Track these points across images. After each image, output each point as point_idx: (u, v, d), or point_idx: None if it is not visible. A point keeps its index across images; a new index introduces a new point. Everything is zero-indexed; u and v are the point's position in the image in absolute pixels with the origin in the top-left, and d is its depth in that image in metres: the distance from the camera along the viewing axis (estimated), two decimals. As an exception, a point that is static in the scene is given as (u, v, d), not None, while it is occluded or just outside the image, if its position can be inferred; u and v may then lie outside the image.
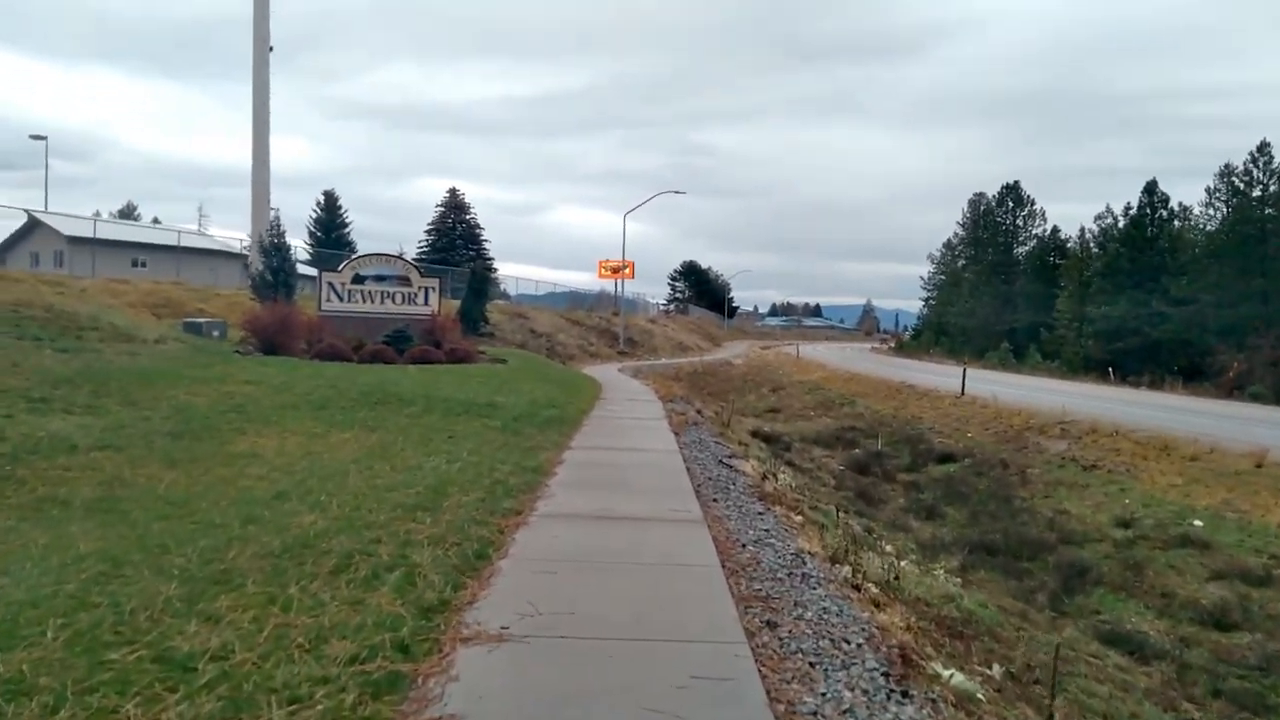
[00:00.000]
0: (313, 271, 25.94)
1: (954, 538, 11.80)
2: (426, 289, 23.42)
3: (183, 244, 47.09)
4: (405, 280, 23.28)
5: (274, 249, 22.66)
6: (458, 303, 26.25)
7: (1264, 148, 52.34)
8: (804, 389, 39.34)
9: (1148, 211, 64.21)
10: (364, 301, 22.88)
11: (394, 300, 23.15)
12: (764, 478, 11.64)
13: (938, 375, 41.93)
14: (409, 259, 23.56)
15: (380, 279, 23.19)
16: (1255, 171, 52.68)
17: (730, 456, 12.53)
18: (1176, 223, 64.08)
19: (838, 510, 10.15)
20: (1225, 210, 57.18)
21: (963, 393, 27.75)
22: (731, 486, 9.86)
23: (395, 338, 20.53)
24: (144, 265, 44.59)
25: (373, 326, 22.06)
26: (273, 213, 23.63)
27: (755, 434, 19.94)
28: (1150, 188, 64.09)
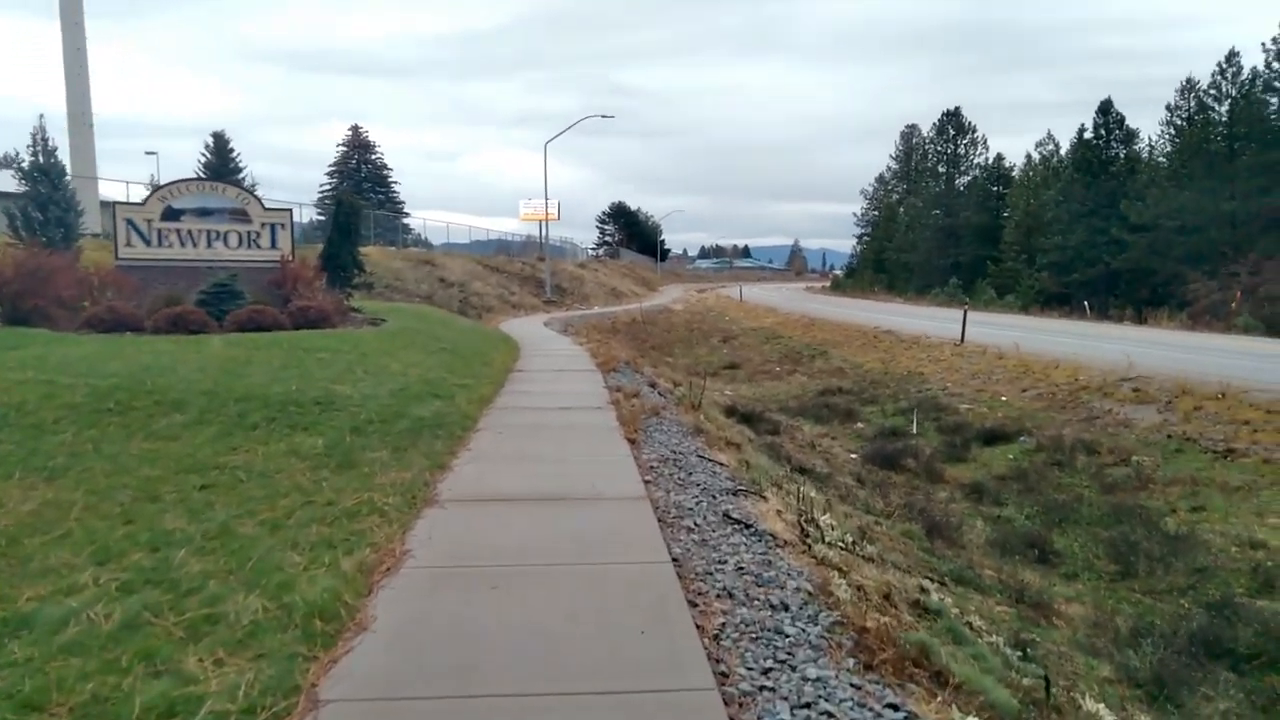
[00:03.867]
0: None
1: (1134, 624, 6.65)
2: (273, 226, 17.12)
3: None
4: (241, 215, 16.93)
5: (40, 174, 16.00)
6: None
7: (1232, 57, 48.46)
8: (759, 338, 34.15)
9: (1102, 133, 60.38)
10: (181, 245, 16.49)
11: (226, 242, 16.80)
12: (803, 535, 6.21)
13: (909, 317, 37.24)
14: (247, 186, 17.14)
15: (204, 213, 16.78)
16: (1224, 84, 48.76)
17: (733, 490, 7.02)
18: (1133, 145, 60.37)
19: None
20: (1187, 128, 53.40)
21: (963, 340, 22.83)
22: (784, 616, 4.33)
23: (214, 295, 14.34)
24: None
25: (197, 279, 15.78)
26: (38, 121, 16.78)
27: (731, 411, 14.53)
28: (1105, 108, 60.32)
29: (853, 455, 13.61)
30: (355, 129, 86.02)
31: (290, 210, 17.82)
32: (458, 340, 16.10)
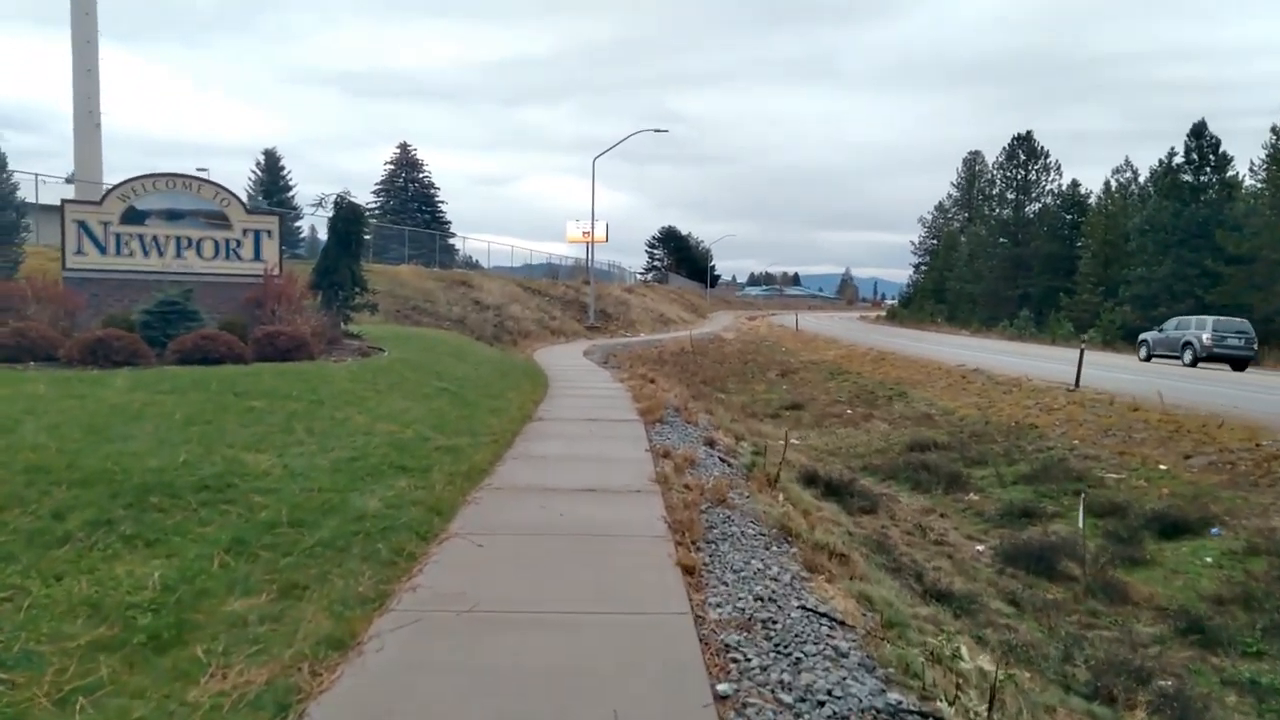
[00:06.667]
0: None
1: None
2: (257, 233, 14.27)
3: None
4: (219, 219, 14.10)
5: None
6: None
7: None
8: (823, 373, 30.61)
9: (1194, 158, 55.80)
10: (144, 253, 13.70)
11: (199, 251, 13.96)
12: None
13: (989, 352, 33.44)
14: (226, 186, 14.29)
15: (173, 216, 13.98)
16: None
17: (891, 711, 3.66)
18: (1225, 171, 55.61)
19: None
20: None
21: (1078, 384, 19.11)
22: None
23: (160, 316, 11.41)
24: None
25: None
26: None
27: (812, 479, 11.14)
28: (1198, 131, 55.86)
29: (979, 548, 10.12)
30: (403, 146, 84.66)
31: (279, 215, 14.95)
32: (468, 377, 12.98)
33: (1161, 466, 12.72)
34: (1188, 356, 28.36)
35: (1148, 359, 31.62)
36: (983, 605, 7.32)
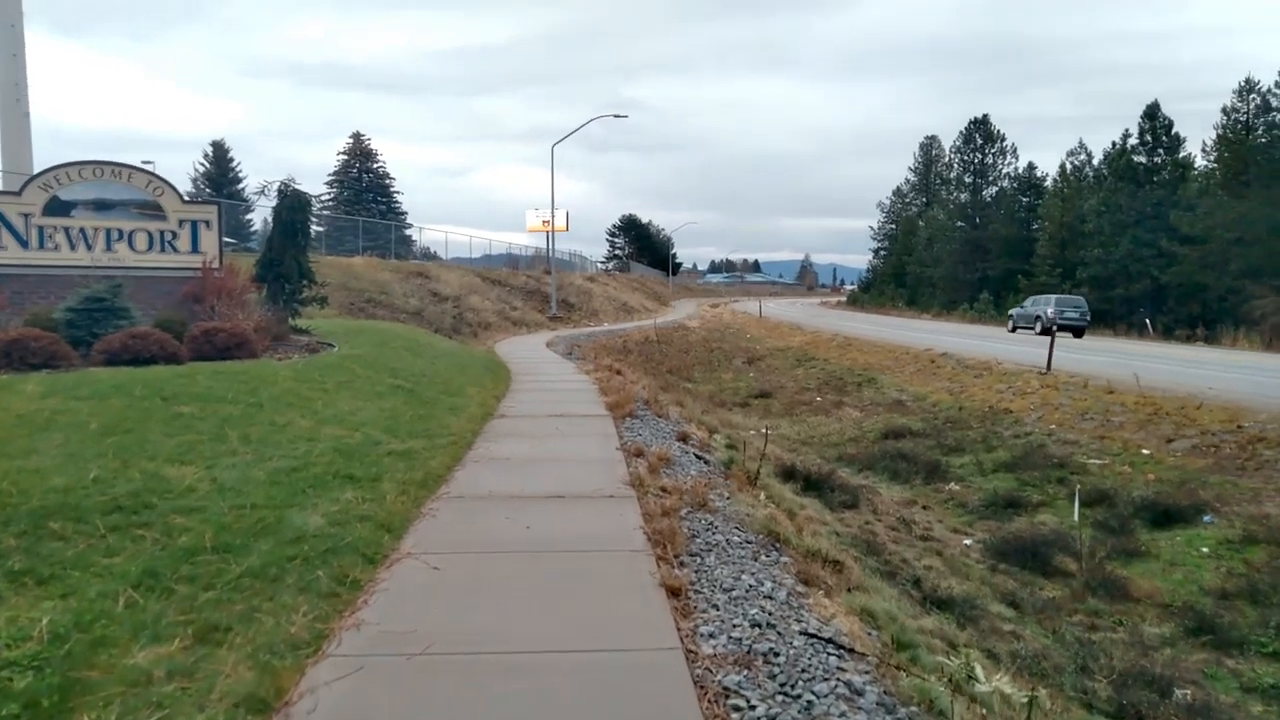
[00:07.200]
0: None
1: None
2: (194, 224, 13.35)
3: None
4: (152, 209, 13.17)
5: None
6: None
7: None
8: (789, 360, 30.22)
9: (1148, 138, 56.37)
10: (71, 247, 12.73)
11: (131, 244, 13.02)
12: None
13: (954, 335, 33.35)
14: (159, 174, 13.35)
15: (102, 207, 13.03)
16: (1293, 84, 44.73)
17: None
18: (1178, 153, 56.25)
19: None
20: (1245, 135, 49.45)
21: (1049, 367, 18.86)
22: None
23: (85, 313, 10.50)
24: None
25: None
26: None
27: (790, 474, 10.60)
28: (1151, 112, 56.41)
29: (967, 542, 9.67)
30: (356, 136, 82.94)
31: (218, 204, 13.97)
32: (424, 373, 12.23)
33: (1144, 451, 12.40)
34: (1038, 327, 33.85)
35: (1014, 330, 37.74)
36: (984, 610, 6.83)
